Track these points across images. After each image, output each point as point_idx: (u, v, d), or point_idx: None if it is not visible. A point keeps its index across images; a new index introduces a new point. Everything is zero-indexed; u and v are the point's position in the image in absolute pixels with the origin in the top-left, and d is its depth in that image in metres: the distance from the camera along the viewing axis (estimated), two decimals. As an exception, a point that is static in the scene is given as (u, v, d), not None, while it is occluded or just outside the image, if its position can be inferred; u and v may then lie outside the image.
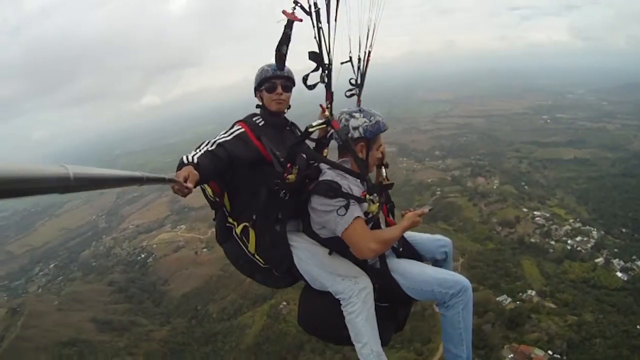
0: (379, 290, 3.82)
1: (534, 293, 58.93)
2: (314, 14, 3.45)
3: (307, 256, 3.83)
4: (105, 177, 1.32)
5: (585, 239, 71.30)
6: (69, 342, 73.35)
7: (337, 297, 3.70)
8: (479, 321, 52.11)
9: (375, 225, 3.78)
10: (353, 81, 4.23)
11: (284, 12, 3.38)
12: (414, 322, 58.93)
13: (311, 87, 3.80)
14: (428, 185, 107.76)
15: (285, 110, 4.17)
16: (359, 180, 3.75)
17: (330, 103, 3.96)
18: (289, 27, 3.40)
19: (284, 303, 63.93)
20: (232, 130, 3.70)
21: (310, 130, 3.88)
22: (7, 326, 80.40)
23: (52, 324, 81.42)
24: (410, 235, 4.35)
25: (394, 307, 4.10)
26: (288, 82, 3.98)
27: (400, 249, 4.15)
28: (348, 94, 4.28)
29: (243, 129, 3.73)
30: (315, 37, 3.54)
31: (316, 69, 3.72)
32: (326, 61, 3.70)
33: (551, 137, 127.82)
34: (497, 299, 57.99)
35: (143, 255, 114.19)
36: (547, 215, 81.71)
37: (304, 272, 3.86)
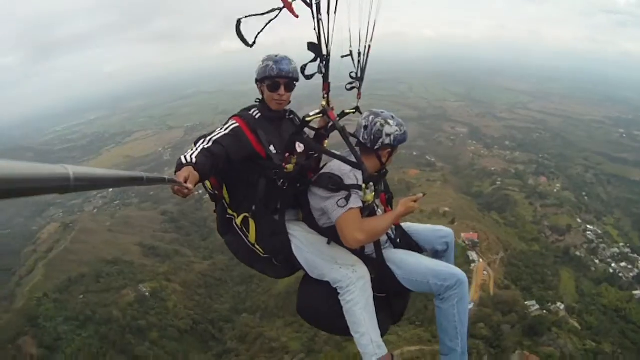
0: (375, 281, 3.86)
1: (562, 307, 58.42)
2: (314, 6, 3.49)
3: (306, 245, 3.88)
4: (105, 177, 1.35)
5: (630, 266, 69.66)
6: (112, 261, 78.97)
7: (334, 285, 3.74)
8: (500, 319, 53.12)
9: (372, 214, 3.91)
10: (354, 75, 4.35)
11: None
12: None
13: (309, 77, 3.89)
14: (490, 173, 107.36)
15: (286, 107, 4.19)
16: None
17: (327, 93, 4.00)
18: (279, 11, 3.47)
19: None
20: (227, 126, 3.74)
21: (307, 120, 3.92)
22: (57, 239, 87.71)
23: (100, 243, 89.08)
24: (409, 226, 4.44)
25: (391, 298, 4.14)
26: (292, 82, 3.97)
27: (398, 240, 4.24)
28: (348, 87, 4.43)
29: (238, 124, 3.76)
30: (314, 29, 3.58)
31: (314, 60, 3.78)
32: (324, 52, 3.75)
33: (622, 153, 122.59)
34: (526, 302, 58.09)
35: (200, 192, 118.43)
36: (599, 232, 79.82)
37: (302, 261, 3.91)
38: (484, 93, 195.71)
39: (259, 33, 3.57)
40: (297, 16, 3.45)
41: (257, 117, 3.92)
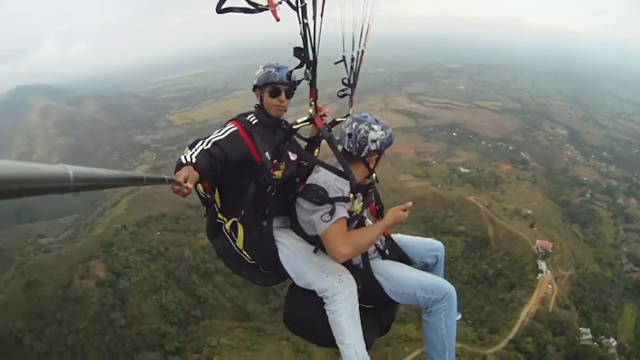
0: (362, 292, 3.81)
1: (614, 343, 54.39)
2: (299, 9, 3.51)
3: (293, 252, 3.87)
4: (105, 177, 1.35)
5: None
6: (194, 206, 79.75)
7: (320, 295, 3.69)
8: (549, 338, 50.93)
9: (360, 225, 3.88)
10: (346, 81, 4.32)
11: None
12: (496, 310, 59.08)
13: (295, 84, 3.92)
14: (581, 183, 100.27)
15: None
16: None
17: (315, 101, 4.03)
18: (259, 10, 3.50)
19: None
20: (225, 129, 3.74)
21: (295, 127, 3.99)
22: None
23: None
24: (399, 237, 4.35)
25: (378, 309, 4.09)
26: (291, 90, 3.97)
27: (387, 251, 4.15)
28: (340, 94, 4.41)
29: (235, 128, 3.77)
30: (300, 34, 3.59)
31: (300, 66, 3.81)
32: (311, 58, 3.79)
33: None
34: (580, 328, 54.87)
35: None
36: (680, 274, 71.46)
37: (289, 269, 3.88)
38: (589, 96, 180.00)
39: (232, 9, 3.50)
40: (278, 19, 3.50)
41: (253, 122, 3.91)
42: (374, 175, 4.00)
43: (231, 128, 3.75)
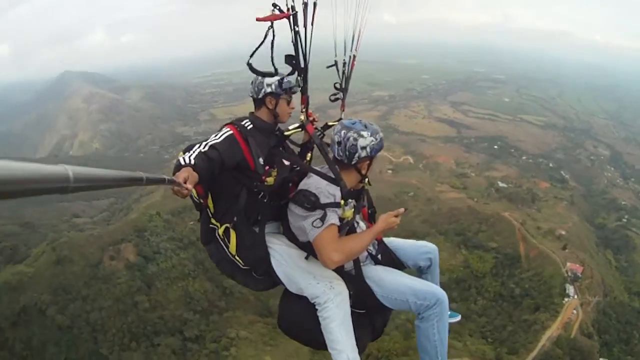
0: (354, 297, 3.84)
1: None
2: (291, 17, 3.57)
3: (284, 258, 3.90)
4: (105, 178, 1.35)
5: None
6: None
7: (312, 301, 3.72)
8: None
9: (351, 231, 3.84)
10: (338, 85, 4.30)
11: (260, 19, 3.55)
12: (518, 331, 58.31)
13: (290, 91, 3.99)
14: (619, 207, 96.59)
15: None
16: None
17: (306, 107, 4.08)
18: (271, 29, 3.59)
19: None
20: (221, 133, 3.79)
21: (287, 134, 4.06)
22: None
23: None
24: (391, 240, 4.36)
25: (371, 314, 4.10)
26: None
27: (379, 256, 4.15)
28: (332, 98, 4.36)
29: (232, 132, 3.81)
30: (292, 41, 3.64)
31: (291, 73, 3.85)
32: (302, 65, 3.85)
33: None
34: (600, 359, 53.92)
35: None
36: None
37: (281, 274, 3.92)
38: (635, 116, 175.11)
39: (254, 52, 3.72)
40: (287, 14, 3.58)
41: (249, 127, 3.94)
42: (366, 179, 3.98)
43: (227, 132, 3.81)
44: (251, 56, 3.67)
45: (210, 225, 4.04)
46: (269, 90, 3.96)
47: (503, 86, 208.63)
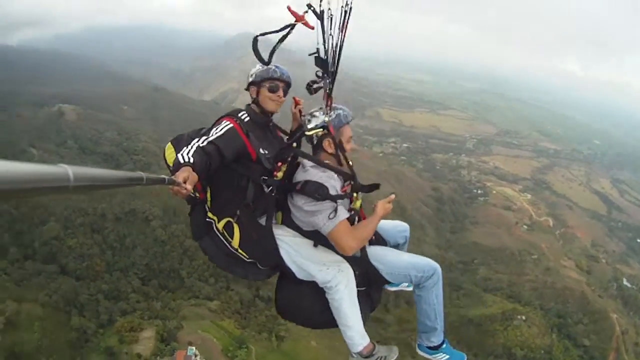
0: (359, 276, 4.10)
1: None
2: (326, 20, 3.52)
3: (294, 249, 4.00)
4: (105, 178, 1.36)
5: None
6: None
7: (322, 285, 3.94)
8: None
9: (353, 219, 4.00)
10: (320, 74, 4.01)
11: (291, 10, 3.55)
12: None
13: (313, 92, 4.01)
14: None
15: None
16: (339, 175, 3.94)
17: (329, 106, 3.99)
18: (292, 27, 3.64)
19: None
20: (221, 126, 3.73)
21: (307, 133, 3.99)
22: None
23: None
24: None
25: (369, 290, 4.40)
26: (287, 88, 4.13)
27: (373, 237, 4.36)
28: (315, 86, 4.09)
29: (231, 125, 3.76)
30: (323, 44, 3.62)
31: (322, 76, 3.88)
32: (331, 69, 3.84)
33: None
34: None
35: (479, 192, 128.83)
36: None
37: (291, 264, 4.02)
38: None
39: (273, 51, 3.85)
40: (312, 28, 3.58)
41: (246, 120, 3.94)
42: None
43: (227, 125, 3.77)
44: (271, 55, 3.86)
45: (207, 219, 4.04)
46: (250, 79, 4.06)
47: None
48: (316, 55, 3.74)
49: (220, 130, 3.68)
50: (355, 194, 3.98)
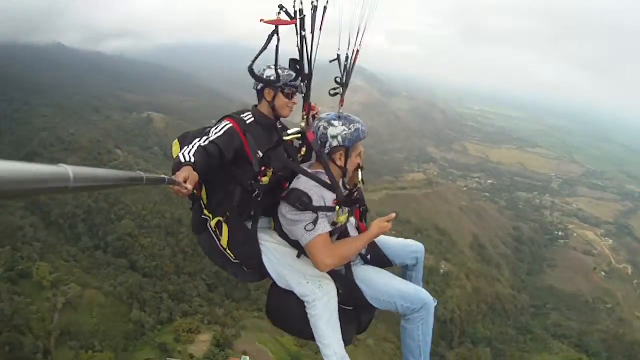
0: (343, 295, 3.89)
1: None
2: (298, 21, 3.54)
3: (276, 256, 3.88)
4: (105, 178, 1.38)
5: None
6: (431, 228, 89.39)
7: (301, 299, 3.79)
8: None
9: (343, 234, 3.84)
10: (339, 79, 4.17)
11: (266, 22, 3.47)
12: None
13: (286, 84, 3.92)
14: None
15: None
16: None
17: (308, 114, 4.06)
18: (275, 33, 3.55)
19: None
20: (221, 126, 3.78)
21: (285, 139, 3.88)
22: (415, 186, 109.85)
23: (442, 211, 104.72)
24: (380, 239, 4.27)
25: (359, 311, 4.14)
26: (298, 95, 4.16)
27: (369, 256, 4.21)
28: (332, 92, 4.21)
29: (231, 125, 3.80)
30: (297, 46, 3.63)
31: (295, 79, 3.87)
32: (307, 72, 3.88)
33: None
34: None
35: (560, 234, 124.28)
36: None
37: (271, 271, 3.92)
38: None
39: (254, 59, 3.70)
40: (292, 22, 3.56)
41: (249, 122, 3.95)
42: (360, 176, 3.86)
43: (227, 125, 3.80)
44: (253, 61, 3.74)
45: (203, 217, 4.05)
46: (268, 82, 3.97)
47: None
48: (295, 61, 3.84)
49: (221, 130, 3.74)
50: (338, 208, 3.61)
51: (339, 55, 3.98)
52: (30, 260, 55.02)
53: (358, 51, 4.02)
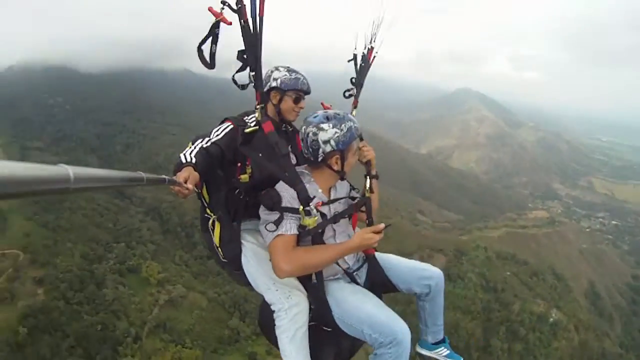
0: (315, 312, 3.53)
1: None
2: (238, 11, 3.25)
3: (251, 258, 3.72)
4: (105, 178, 1.37)
5: None
6: (547, 272, 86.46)
7: (270, 306, 3.55)
8: None
9: (317, 240, 3.35)
10: (354, 80, 4.13)
11: (210, 9, 3.23)
12: None
13: (243, 87, 3.57)
14: None
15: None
16: (320, 190, 3.46)
17: (259, 104, 3.57)
18: (216, 26, 3.27)
19: None
20: (222, 127, 3.73)
21: (247, 131, 3.62)
22: (538, 225, 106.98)
23: (564, 252, 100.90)
24: (387, 257, 3.86)
25: (338, 334, 3.53)
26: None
27: (356, 274, 3.67)
28: (347, 94, 4.16)
29: (232, 126, 3.73)
30: (242, 35, 3.30)
31: (242, 69, 3.44)
32: (251, 60, 3.48)
33: None
34: None
35: None
36: None
37: (247, 272, 3.75)
38: None
39: (211, 54, 3.32)
40: (230, 23, 3.27)
41: (253, 123, 3.79)
42: (367, 185, 3.69)
43: (228, 126, 3.73)
44: (201, 46, 3.29)
45: (205, 215, 4.00)
46: (274, 84, 3.84)
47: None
48: (242, 52, 3.40)
49: (222, 131, 3.71)
50: (301, 209, 3.20)
51: (355, 55, 4.06)
52: (141, 258, 61.01)
53: (372, 48, 4.05)
